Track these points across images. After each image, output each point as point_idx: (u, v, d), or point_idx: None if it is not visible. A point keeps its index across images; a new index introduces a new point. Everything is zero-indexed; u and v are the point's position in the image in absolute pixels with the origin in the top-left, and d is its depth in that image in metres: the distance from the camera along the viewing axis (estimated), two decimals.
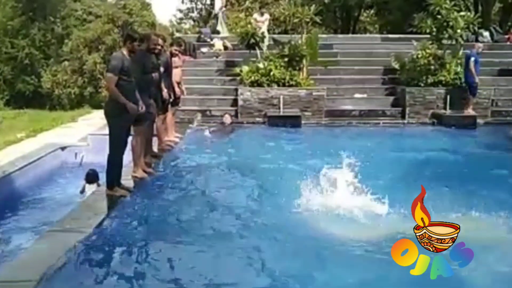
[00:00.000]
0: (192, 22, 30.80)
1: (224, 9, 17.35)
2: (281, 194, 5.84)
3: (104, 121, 5.83)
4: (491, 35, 16.29)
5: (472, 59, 11.62)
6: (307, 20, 12.61)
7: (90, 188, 7.17)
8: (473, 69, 11.58)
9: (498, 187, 6.32)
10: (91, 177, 7.25)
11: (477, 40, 15.63)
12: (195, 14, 30.64)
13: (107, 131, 5.68)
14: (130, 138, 5.98)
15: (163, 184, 6.42)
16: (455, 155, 8.73)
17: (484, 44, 15.60)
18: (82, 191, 7.24)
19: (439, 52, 12.46)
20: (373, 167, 6.47)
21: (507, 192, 6.06)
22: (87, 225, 4.63)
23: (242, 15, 20.96)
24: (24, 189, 7.33)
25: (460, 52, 12.83)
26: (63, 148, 9.12)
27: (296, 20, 12.62)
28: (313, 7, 12.79)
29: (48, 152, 8.56)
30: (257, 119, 11.81)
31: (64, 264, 3.80)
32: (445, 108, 11.94)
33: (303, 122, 11.52)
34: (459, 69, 12.34)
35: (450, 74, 12.27)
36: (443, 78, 12.23)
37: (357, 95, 12.93)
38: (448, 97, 11.92)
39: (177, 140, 8.66)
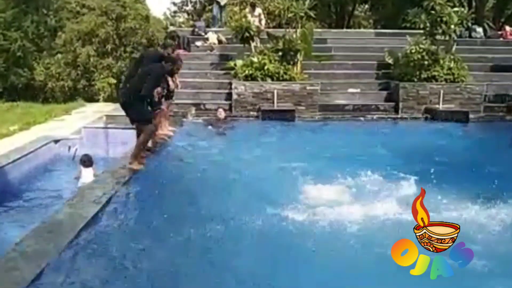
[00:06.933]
0: (186, 16, 30.64)
1: None
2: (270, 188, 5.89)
3: (97, 115, 5.86)
4: (484, 31, 16.38)
5: None
6: (302, 14, 12.60)
7: (87, 172, 7.22)
8: None
9: None
10: (87, 160, 7.35)
11: (470, 36, 15.74)
12: (189, 8, 30.48)
13: (100, 124, 5.71)
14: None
15: (155, 176, 6.44)
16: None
17: (478, 40, 15.76)
18: (78, 177, 7.29)
19: (433, 47, 12.51)
20: None
21: None
22: None
23: (236, 8, 20.89)
24: (17, 182, 7.31)
25: (454, 48, 12.90)
26: (56, 141, 9.09)
27: (290, 15, 12.59)
28: (307, 2, 12.75)
29: (41, 145, 8.53)
30: (251, 113, 11.82)
31: None
32: (438, 103, 12.02)
33: (296, 116, 11.54)
34: (452, 64, 12.43)
35: (443, 70, 12.34)
36: (436, 74, 12.30)
37: (351, 90, 12.97)
38: (441, 92, 12.01)
39: (171, 133, 8.65)
